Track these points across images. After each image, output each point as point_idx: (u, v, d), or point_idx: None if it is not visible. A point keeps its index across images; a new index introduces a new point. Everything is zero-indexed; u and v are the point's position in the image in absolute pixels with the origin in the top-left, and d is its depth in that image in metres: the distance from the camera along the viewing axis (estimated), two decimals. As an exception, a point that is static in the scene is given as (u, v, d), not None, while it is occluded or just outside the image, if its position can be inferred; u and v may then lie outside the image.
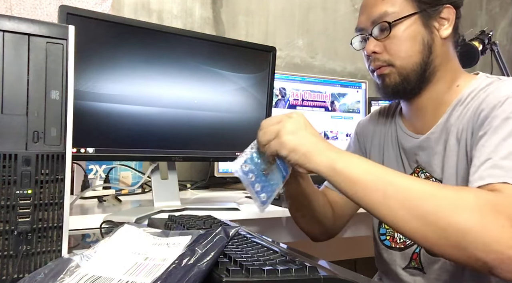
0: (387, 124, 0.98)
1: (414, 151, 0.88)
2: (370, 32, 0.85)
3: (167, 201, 1.13)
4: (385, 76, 0.85)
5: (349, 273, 0.54)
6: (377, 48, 0.84)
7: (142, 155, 1.08)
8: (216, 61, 1.16)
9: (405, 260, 0.90)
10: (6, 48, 0.55)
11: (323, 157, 0.68)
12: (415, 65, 0.82)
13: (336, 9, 2.12)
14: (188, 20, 1.79)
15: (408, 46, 0.82)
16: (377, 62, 0.85)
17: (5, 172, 0.55)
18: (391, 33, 0.82)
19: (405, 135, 0.91)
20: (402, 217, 0.61)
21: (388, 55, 0.83)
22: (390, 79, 0.84)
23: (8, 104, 0.55)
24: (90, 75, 0.98)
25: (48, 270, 0.51)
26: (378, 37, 0.84)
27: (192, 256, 0.49)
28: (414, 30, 0.82)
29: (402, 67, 0.83)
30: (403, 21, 0.82)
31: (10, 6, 1.42)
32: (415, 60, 0.82)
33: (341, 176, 0.66)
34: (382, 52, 0.84)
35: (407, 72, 0.83)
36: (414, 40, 0.82)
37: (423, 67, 0.83)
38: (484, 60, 1.61)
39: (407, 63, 0.82)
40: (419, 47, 0.82)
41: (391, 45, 0.83)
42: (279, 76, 1.65)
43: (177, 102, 1.11)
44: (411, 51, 0.82)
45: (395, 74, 0.83)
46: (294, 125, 0.71)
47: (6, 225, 0.55)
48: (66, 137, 0.59)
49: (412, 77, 0.83)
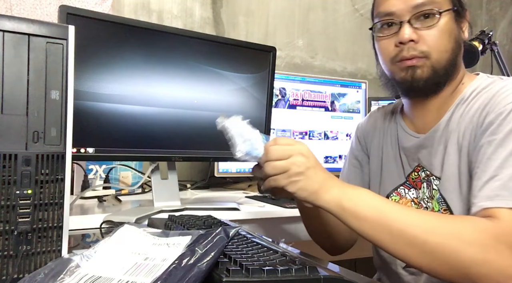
0: (387, 124, 0.97)
1: (415, 150, 0.87)
2: (408, 19, 0.79)
3: (167, 201, 1.12)
4: (416, 68, 0.79)
5: (349, 273, 0.54)
6: (415, 36, 0.78)
7: (142, 155, 1.08)
8: (216, 61, 1.16)
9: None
10: (6, 48, 0.55)
11: (331, 195, 0.69)
12: (447, 62, 0.80)
13: (336, 9, 2.11)
14: (188, 20, 1.79)
15: (446, 41, 0.79)
16: (413, 52, 0.79)
17: (5, 172, 0.55)
18: (437, 23, 0.78)
19: (406, 135, 0.90)
20: (411, 253, 0.65)
21: (425, 46, 0.78)
22: (422, 71, 0.79)
23: (8, 104, 0.55)
24: (90, 75, 0.98)
25: (48, 270, 0.51)
26: (416, 26, 0.78)
27: (192, 256, 0.49)
28: (451, 25, 0.80)
29: (437, 61, 0.79)
30: (446, 14, 0.79)
31: (10, 6, 1.42)
32: (448, 56, 0.79)
33: (349, 214, 0.68)
34: (418, 42, 0.79)
35: (439, 67, 0.79)
36: (450, 36, 0.80)
37: (452, 66, 0.80)
38: (484, 60, 1.61)
39: (442, 58, 0.79)
40: (453, 45, 0.80)
41: (430, 37, 0.78)
42: (279, 76, 1.65)
43: (177, 102, 1.11)
44: (448, 46, 0.79)
45: (428, 68, 0.79)
46: (304, 164, 0.70)
47: (6, 225, 0.55)
48: (66, 137, 0.59)
49: (442, 73, 0.80)
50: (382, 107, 1.04)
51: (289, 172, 0.70)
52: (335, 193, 0.69)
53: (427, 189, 0.86)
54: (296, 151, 0.71)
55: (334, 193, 0.69)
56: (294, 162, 0.70)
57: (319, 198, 0.70)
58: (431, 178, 0.85)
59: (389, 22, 0.82)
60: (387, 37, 0.82)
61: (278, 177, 0.71)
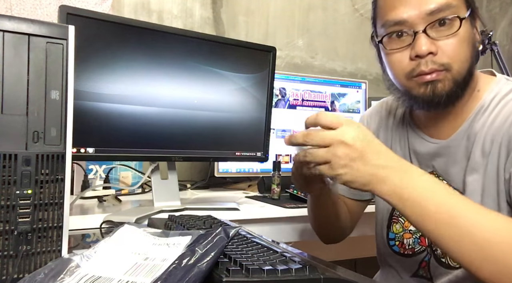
0: (395, 124, 0.91)
1: (430, 157, 0.82)
2: (424, 28, 0.69)
3: (167, 201, 1.12)
4: (437, 83, 0.71)
5: (349, 273, 0.54)
6: (433, 48, 0.69)
7: (142, 155, 1.08)
8: (216, 61, 1.16)
9: (412, 267, 0.87)
10: (6, 48, 0.55)
11: (388, 187, 0.61)
12: (467, 71, 0.72)
13: (336, 9, 2.11)
14: (188, 20, 1.79)
15: (466, 49, 0.71)
16: (432, 66, 0.70)
17: (5, 172, 0.55)
18: (458, 31, 0.69)
19: (419, 139, 0.84)
20: (474, 260, 0.57)
21: (446, 58, 0.70)
22: (444, 85, 0.71)
23: (8, 104, 0.55)
24: (90, 75, 0.98)
25: (48, 270, 0.51)
26: (437, 35, 0.69)
27: (192, 256, 0.49)
28: (470, 31, 0.72)
29: (458, 72, 0.71)
30: (467, 19, 0.70)
31: (10, 6, 1.42)
32: (468, 66, 0.72)
33: (410, 208, 0.60)
34: (437, 53, 0.70)
35: (461, 78, 0.71)
36: (469, 43, 0.71)
37: (471, 74, 0.73)
38: (484, 60, 1.61)
39: (463, 69, 0.71)
40: (472, 52, 0.72)
41: (450, 47, 0.69)
42: (279, 76, 1.65)
43: (177, 102, 1.11)
44: (468, 55, 0.71)
45: (450, 81, 0.71)
46: (347, 155, 0.60)
47: (6, 225, 0.55)
48: (66, 137, 0.59)
49: (463, 84, 0.72)
50: (389, 103, 0.96)
51: (331, 164, 0.61)
52: (391, 184, 0.60)
53: None
54: (337, 139, 0.61)
55: (390, 183, 0.60)
56: (335, 153, 0.61)
57: (374, 189, 0.61)
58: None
59: (400, 32, 0.72)
60: (399, 50, 0.73)
61: (321, 167, 0.63)
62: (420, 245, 0.87)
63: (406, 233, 0.89)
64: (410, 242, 0.88)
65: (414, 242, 0.88)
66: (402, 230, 0.90)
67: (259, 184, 1.51)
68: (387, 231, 0.93)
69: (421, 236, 0.87)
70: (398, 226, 0.91)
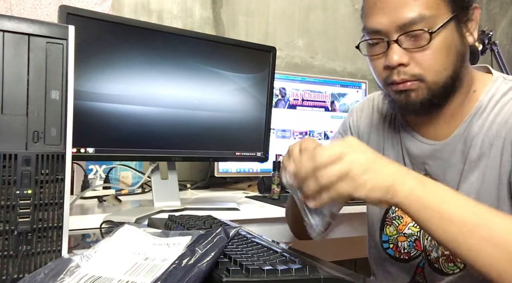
0: (386, 123, 0.89)
1: (423, 159, 0.80)
2: (396, 39, 0.69)
3: (167, 201, 1.12)
4: (410, 92, 0.71)
5: (349, 273, 0.54)
6: (405, 59, 0.69)
7: (142, 155, 1.08)
8: (216, 61, 1.16)
9: (409, 274, 0.85)
10: (6, 48, 0.55)
11: (408, 187, 0.58)
12: (447, 79, 0.71)
13: (336, 9, 2.11)
14: (188, 20, 1.79)
15: (443, 58, 0.69)
16: (403, 76, 0.70)
17: (5, 172, 0.55)
18: (429, 44, 0.68)
19: (413, 139, 0.82)
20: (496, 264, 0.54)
21: (418, 68, 0.69)
22: (417, 95, 0.71)
23: (8, 104, 0.55)
24: (90, 75, 0.98)
25: (48, 270, 0.51)
26: (406, 46, 0.69)
27: (192, 256, 0.49)
28: (450, 39, 0.69)
29: (433, 82, 0.70)
30: (442, 29, 0.68)
31: (10, 6, 1.42)
32: (448, 73, 0.70)
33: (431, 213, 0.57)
34: (409, 64, 0.70)
35: (437, 87, 0.71)
36: (449, 50, 0.70)
37: (454, 79, 0.71)
38: (484, 60, 1.61)
39: (440, 78, 0.70)
40: (453, 58, 0.70)
41: (423, 57, 0.69)
42: (279, 76, 1.65)
43: (177, 102, 1.11)
44: (446, 64, 0.70)
45: (423, 90, 0.71)
46: (367, 157, 0.58)
47: (6, 225, 0.55)
48: (66, 137, 0.59)
49: (441, 91, 0.71)
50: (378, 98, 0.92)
51: (350, 173, 0.57)
52: (411, 184, 0.58)
53: None
54: (346, 145, 0.59)
55: (410, 183, 0.58)
56: (352, 160, 0.58)
57: (396, 194, 0.58)
58: None
59: (372, 42, 0.73)
60: (376, 57, 0.73)
61: (337, 187, 0.58)
62: (416, 249, 0.84)
63: (400, 236, 0.86)
64: (405, 245, 0.85)
65: (409, 246, 0.85)
66: (396, 232, 0.87)
67: (259, 184, 1.51)
68: (380, 233, 0.90)
69: (416, 240, 0.84)
70: (391, 229, 0.88)
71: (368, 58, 0.76)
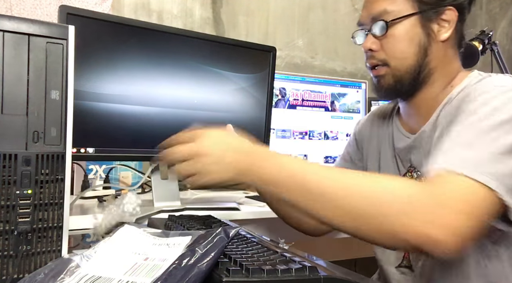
0: (385, 125, 0.97)
1: (407, 151, 0.87)
2: (369, 29, 0.84)
3: (167, 201, 1.12)
4: (380, 78, 0.85)
5: (349, 273, 0.54)
6: (374, 45, 0.83)
7: (142, 155, 1.08)
8: (216, 61, 1.16)
9: (397, 259, 0.89)
10: (6, 48, 0.55)
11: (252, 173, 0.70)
12: (409, 67, 0.82)
13: (336, 9, 2.11)
14: (188, 20, 1.79)
15: (403, 47, 0.82)
16: (373, 60, 0.85)
17: (5, 172, 0.55)
18: (388, 32, 0.81)
19: (400, 135, 0.90)
20: (333, 214, 0.63)
21: (384, 54, 0.83)
22: (384, 80, 0.84)
23: (8, 104, 0.55)
24: (90, 75, 0.98)
25: (48, 270, 0.51)
26: (376, 35, 0.83)
27: (192, 257, 0.49)
28: (412, 31, 0.81)
29: (396, 68, 0.82)
30: (402, 21, 0.81)
31: (10, 6, 1.42)
32: (409, 62, 0.82)
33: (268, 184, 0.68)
34: (378, 50, 0.83)
35: (401, 74, 0.82)
36: (411, 42, 0.81)
37: (417, 70, 0.82)
38: (484, 60, 1.61)
39: (401, 65, 0.82)
40: (415, 49, 0.81)
41: (387, 45, 0.82)
42: (279, 76, 1.65)
43: (177, 102, 1.11)
44: (407, 53, 0.82)
45: (389, 76, 0.83)
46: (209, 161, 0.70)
47: (6, 225, 0.55)
48: (66, 137, 0.59)
49: (406, 79, 0.83)
50: (382, 107, 1.03)
51: (198, 174, 0.70)
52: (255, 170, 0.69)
53: None
54: (194, 151, 0.70)
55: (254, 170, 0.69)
56: (204, 145, 0.70)
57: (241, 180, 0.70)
58: (423, 180, 0.82)
59: (361, 33, 0.88)
60: (362, 45, 0.88)
61: (189, 180, 0.71)
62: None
63: None
64: None
65: None
66: None
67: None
68: None
69: None
70: None
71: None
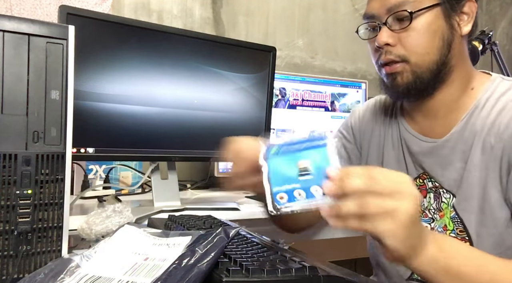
0: (387, 123, 0.90)
1: (421, 156, 0.81)
2: (384, 21, 0.74)
3: (167, 201, 1.12)
4: (396, 75, 0.75)
5: (349, 273, 0.54)
6: (391, 39, 0.74)
7: (142, 155, 1.08)
8: (216, 61, 1.16)
9: (406, 272, 0.84)
10: (6, 48, 0.55)
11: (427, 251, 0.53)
12: (431, 64, 0.74)
13: (336, 9, 2.11)
14: (188, 20, 1.79)
15: (427, 41, 0.73)
16: (389, 56, 0.75)
17: (5, 172, 0.55)
18: (411, 25, 0.72)
19: (412, 137, 0.83)
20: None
21: (403, 49, 0.74)
22: (402, 78, 0.75)
23: (8, 104, 0.55)
24: (90, 75, 0.98)
25: (48, 270, 0.51)
26: (393, 28, 0.74)
27: (192, 257, 0.49)
28: (435, 24, 0.73)
29: (417, 64, 0.74)
30: (425, 12, 0.73)
31: (10, 6, 1.42)
32: (432, 58, 0.74)
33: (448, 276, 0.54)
34: (396, 45, 0.74)
35: (421, 71, 0.74)
36: (434, 35, 0.74)
37: (440, 67, 0.75)
38: (484, 60, 1.61)
39: (423, 61, 0.74)
40: (439, 44, 0.74)
41: (408, 39, 0.73)
42: (279, 76, 1.65)
43: (177, 102, 1.11)
44: (430, 48, 0.74)
45: (408, 73, 0.75)
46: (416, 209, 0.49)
47: (6, 225, 0.55)
48: (66, 137, 0.59)
49: (426, 76, 0.74)
50: (382, 101, 0.95)
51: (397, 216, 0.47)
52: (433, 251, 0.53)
53: (434, 200, 0.80)
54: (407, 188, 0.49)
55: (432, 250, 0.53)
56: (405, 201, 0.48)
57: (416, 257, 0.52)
58: (440, 190, 0.79)
59: (372, 25, 0.78)
60: (371, 40, 0.79)
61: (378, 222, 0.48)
62: None
63: None
64: None
65: None
66: None
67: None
68: None
69: None
70: None
71: (368, 44, 0.82)
